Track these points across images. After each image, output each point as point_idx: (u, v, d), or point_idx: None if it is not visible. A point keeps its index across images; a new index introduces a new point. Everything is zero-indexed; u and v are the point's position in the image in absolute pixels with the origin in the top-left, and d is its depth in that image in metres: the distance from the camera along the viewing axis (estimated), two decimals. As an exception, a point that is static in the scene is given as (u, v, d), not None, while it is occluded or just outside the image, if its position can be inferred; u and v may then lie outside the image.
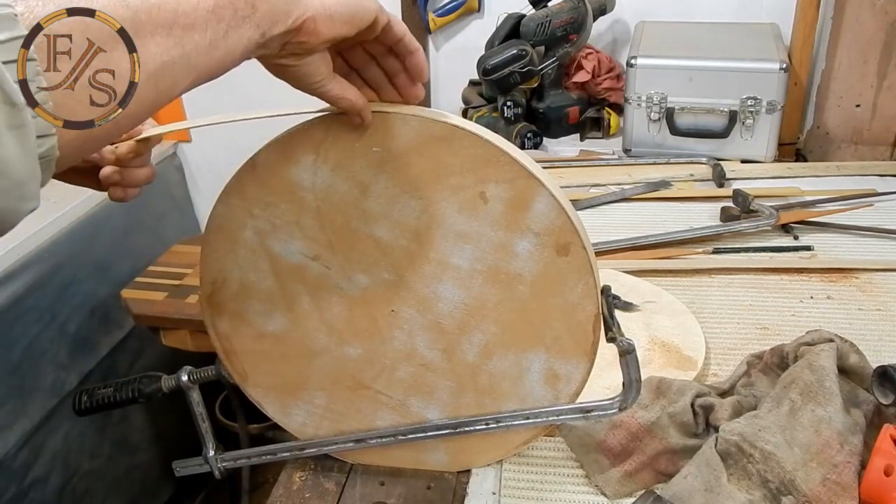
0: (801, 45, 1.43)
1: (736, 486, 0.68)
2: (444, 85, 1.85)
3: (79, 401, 0.78)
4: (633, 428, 0.73)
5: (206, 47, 0.44)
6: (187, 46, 0.43)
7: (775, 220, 1.14)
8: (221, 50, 0.45)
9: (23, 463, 1.45)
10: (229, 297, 0.69)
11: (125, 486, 1.74)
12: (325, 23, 0.50)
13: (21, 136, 0.36)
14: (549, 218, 0.61)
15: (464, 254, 0.64)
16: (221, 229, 0.66)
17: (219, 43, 0.45)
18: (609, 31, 1.70)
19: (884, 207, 1.23)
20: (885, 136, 1.43)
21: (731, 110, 1.38)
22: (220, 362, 0.73)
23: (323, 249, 0.65)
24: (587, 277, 0.63)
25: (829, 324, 0.93)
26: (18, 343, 1.45)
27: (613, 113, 1.60)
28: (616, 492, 0.72)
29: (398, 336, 0.69)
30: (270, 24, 0.47)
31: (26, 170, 0.36)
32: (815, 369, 0.73)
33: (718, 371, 0.88)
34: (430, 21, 1.75)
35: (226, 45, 0.45)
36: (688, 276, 1.07)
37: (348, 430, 0.75)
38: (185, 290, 1.51)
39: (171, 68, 0.43)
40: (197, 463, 0.78)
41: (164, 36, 0.42)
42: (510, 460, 0.77)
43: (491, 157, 0.60)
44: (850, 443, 0.68)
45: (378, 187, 0.62)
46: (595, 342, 0.66)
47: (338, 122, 0.59)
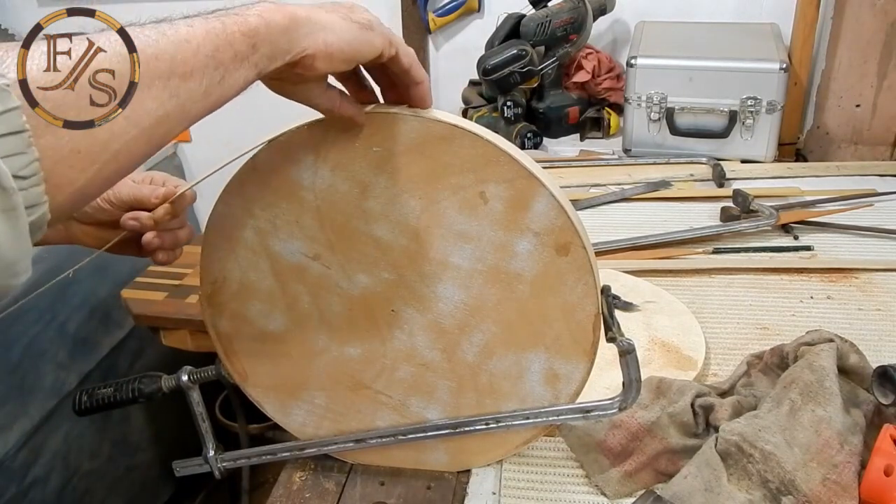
0: (801, 45, 1.43)
1: (736, 486, 0.68)
2: (444, 85, 1.85)
3: (79, 401, 0.78)
4: (633, 428, 0.73)
5: (202, 94, 0.43)
6: (182, 96, 0.42)
7: (775, 220, 1.14)
8: (216, 95, 0.45)
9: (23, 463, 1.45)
10: (229, 296, 0.69)
11: (125, 486, 1.74)
12: (324, 61, 0.50)
13: (11, 219, 0.36)
14: (549, 218, 0.61)
15: (464, 253, 0.64)
16: (222, 229, 0.66)
17: (213, 89, 0.44)
18: (609, 31, 1.70)
19: (884, 207, 1.23)
20: (885, 136, 1.43)
21: (731, 110, 1.38)
22: (221, 362, 0.73)
23: (323, 249, 0.65)
24: (587, 277, 0.63)
25: (829, 324, 0.93)
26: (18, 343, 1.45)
27: (613, 113, 1.60)
28: (616, 492, 0.72)
29: (398, 336, 0.69)
30: (269, 61, 0.47)
31: (17, 251, 0.37)
32: (815, 369, 0.73)
33: (718, 371, 0.88)
34: (430, 21, 1.75)
35: (221, 90, 0.45)
36: (688, 276, 1.07)
37: (348, 430, 0.75)
38: (185, 290, 1.51)
39: (166, 120, 0.42)
40: (197, 463, 0.78)
41: (161, 88, 0.41)
42: (510, 460, 0.77)
43: (491, 157, 0.60)
44: (850, 443, 0.68)
45: (378, 187, 0.62)
46: (595, 342, 0.66)
47: (338, 122, 0.59)
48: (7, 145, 0.35)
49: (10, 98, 0.36)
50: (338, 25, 0.50)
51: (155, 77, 0.41)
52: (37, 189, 0.37)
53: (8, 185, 0.35)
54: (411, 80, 0.57)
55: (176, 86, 0.42)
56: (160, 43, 0.41)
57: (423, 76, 0.58)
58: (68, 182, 0.39)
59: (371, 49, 0.53)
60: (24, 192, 0.36)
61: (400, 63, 0.56)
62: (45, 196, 0.37)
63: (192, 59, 0.42)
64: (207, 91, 0.44)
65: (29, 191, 0.36)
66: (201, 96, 0.43)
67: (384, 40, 0.54)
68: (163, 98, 0.41)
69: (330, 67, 0.51)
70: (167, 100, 0.42)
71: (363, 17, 0.53)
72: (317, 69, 0.50)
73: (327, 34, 0.50)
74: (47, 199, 0.37)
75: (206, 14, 0.45)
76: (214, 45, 0.43)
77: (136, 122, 0.40)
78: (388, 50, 0.54)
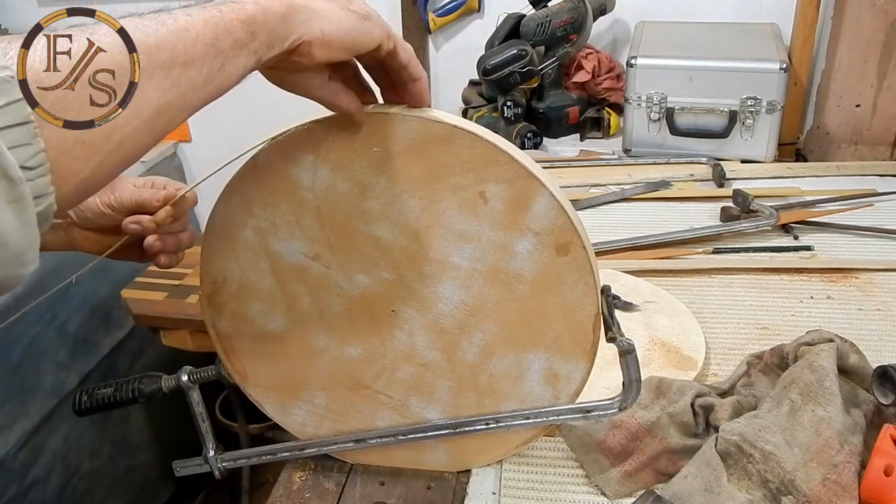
0: (801, 45, 1.43)
1: (736, 486, 0.68)
2: (444, 85, 1.85)
3: (79, 401, 0.78)
4: (633, 428, 0.73)
5: (202, 83, 0.44)
6: (183, 85, 0.43)
7: (775, 220, 1.14)
8: (216, 83, 0.45)
9: (23, 463, 1.45)
10: (229, 296, 0.69)
11: (125, 486, 1.74)
12: (321, 48, 0.50)
13: (19, 209, 0.36)
14: (549, 217, 0.61)
15: (463, 253, 0.64)
16: (221, 229, 0.66)
17: (214, 77, 0.44)
18: (609, 31, 1.70)
19: (884, 207, 1.22)
20: (885, 136, 1.43)
21: (731, 110, 1.38)
22: (221, 362, 0.73)
23: (323, 249, 0.65)
24: (587, 277, 0.63)
25: (829, 324, 0.93)
26: (18, 343, 1.45)
27: (613, 113, 1.60)
28: (616, 492, 0.72)
29: (398, 336, 0.69)
30: (267, 48, 0.47)
31: (25, 241, 0.37)
32: (815, 369, 0.73)
33: (718, 371, 0.88)
34: (430, 21, 1.75)
35: (220, 78, 0.45)
36: (688, 276, 1.07)
37: (348, 430, 0.75)
38: (185, 290, 1.51)
39: (168, 110, 0.42)
40: (197, 463, 0.78)
41: (163, 77, 0.41)
42: (510, 460, 0.77)
43: (490, 157, 0.60)
44: (850, 443, 0.68)
45: (378, 187, 0.62)
46: (595, 342, 0.66)
47: (338, 122, 0.59)
48: (13, 136, 0.35)
49: (16, 89, 0.36)
50: (335, 14, 0.50)
51: (157, 67, 0.41)
52: (43, 179, 0.37)
53: (15, 176, 0.35)
54: (409, 76, 0.57)
55: (177, 75, 0.42)
56: (160, 32, 0.41)
57: (421, 72, 0.57)
58: (73, 173, 0.39)
59: (369, 39, 0.53)
60: (31, 182, 0.36)
61: (398, 58, 0.55)
62: (52, 187, 0.37)
63: (191, 48, 0.43)
64: (208, 79, 0.44)
65: (36, 181, 0.36)
66: (202, 84, 0.44)
67: (383, 32, 0.53)
68: (164, 87, 0.42)
69: (328, 56, 0.51)
70: (169, 89, 0.42)
71: (361, 7, 0.53)
72: (314, 57, 0.50)
73: (324, 22, 0.49)
74: (53, 189, 0.38)
75: (203, 3, 0.45)
76: (213, 34, 0.44)
77: (139, 112, 0.41)
78: (387, 43, 0.54)
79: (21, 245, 0.37)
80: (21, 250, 0.37)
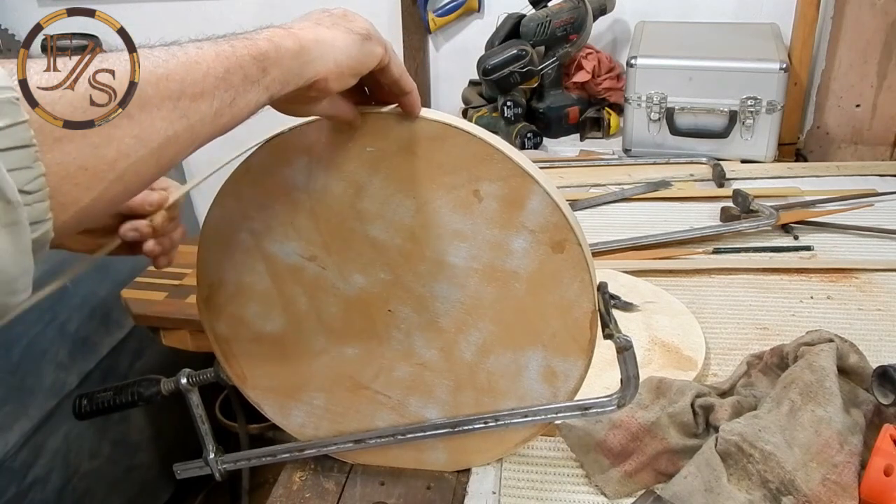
0: (801, 45, 1.43)
1: (736, 486, 0.67)
2: (444, 85, 1.85)
3: (79, 405, 0.78)
4: (633, 428, 0.73)
5: (212, 117, 0.43)
6: (192, 118, 0.42)
7: (775, 220, 1.14)
8: (226, 117, 0.44)
9: (23, 463, 1.45)
10: (226, 299, 0.69)
11: (125, 486, 1.74)
12: (336, 81, 0.51)
13: (14, 233, 0.35)
14: (544, 215, 0.61)
15: (459, 252, 0.64)
16: (217, 232, 0.66)
17: (224, 111, 0.44)
18: (609, 31, 1.70)
19: (884, 207, 1.22)
20: (885, 136, 1.43)
21: (731, 110, 1.38)
22: (219, 364, 0.73)
23: (319, 250, 0.65)
24: (583, 274, 0.63)
25: (829, 324, 0.93)
26: (18, 343, 1.45)
27: (613, 113, 1.60)
28: (616, 492, 0.72)
29: (396, 336, 0.68)
30: (281, 86, 0.47)
31: (17, 267, 0.36)
32: (815, 369, 0.73)
33: (718, 371, 0.88)
34: (430, 21, 1.75)
35: (231, 113, 0.45)
36: (688, 276, 1.07)
37: (348, 430, 0.74)
38: (185, 290, 1.51)
39: (175, 142, 0.42)
40: (197, 465, 0.78)
41: (171, 109, 0.41)
42: (510, 460, 0.76)
43: (484, 156, 0.60)
44: (850, 443, 0.68)
45: (372, 187, 0.62)
46: (592, 339, 0.65)
47: (331, 123, 0.59)
48: (13, 158, 0.34)
49: (19, 112, 0.35)
50: (342, 41, 0.51)
51: (165, 97, 0.40)
52: (42, 205, 0.36)
53: (13, 199, 0.34)
54: (401, 90, 0.57)
55: (186, 106, 0.41)
56: (170, 63, 0.41)
57: (412, 86, 0.58)
58: (73, 200, 0.38)
59: (374, 59, 0.53)
60: (28, 207, 0.35)
61: (391, 73, 0.56)
62: (50, 213, 0.36)
63: (202, 81, 0.42)
64: (218, 112, 0.43)
65: (34, 206, 0.35)
66: (211, 118, 0.43)
67: (383, 49, 0.54)
68: (172, 118, 0.41)
69: (342, 85, 0.52)
70: (177, 120, 0.41)
71: (361, 26, 0.53)
72: (330, 90, 0.51)
73: (336, 53, 0.50)
74: (51, 216, 0.37)
75: (215, 37, 0.45)
76: (224, 68, 0.43)
77: (145, 141, 0.40)
78: (385, 58, 0.55)
79: (13, 272, 0.35)
80: (13, 277, 0.36)
